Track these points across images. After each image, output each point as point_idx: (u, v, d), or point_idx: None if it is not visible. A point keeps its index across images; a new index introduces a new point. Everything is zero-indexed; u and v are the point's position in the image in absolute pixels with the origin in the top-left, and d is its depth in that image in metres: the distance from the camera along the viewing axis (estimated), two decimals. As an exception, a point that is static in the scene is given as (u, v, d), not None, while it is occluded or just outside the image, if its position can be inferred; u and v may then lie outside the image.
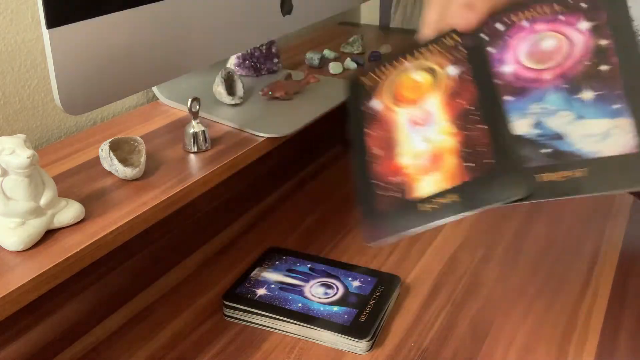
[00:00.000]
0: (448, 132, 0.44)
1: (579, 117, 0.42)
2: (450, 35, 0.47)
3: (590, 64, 0.43)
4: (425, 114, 0.46)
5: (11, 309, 0.48)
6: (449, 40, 0.47)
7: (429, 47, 0.48)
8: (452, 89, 0.46)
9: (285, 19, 0.82)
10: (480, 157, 0.43)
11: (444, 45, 0.47)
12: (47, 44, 0.52)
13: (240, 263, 0.79)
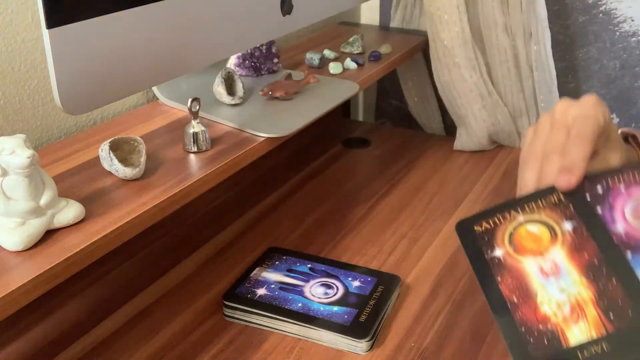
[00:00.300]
0: (581, 284, 0.47)
1: None
2: (552, 191, 0.50)
3: None
4: (554, 266, 0.48)
5: (11, 309, 0.48)
6: (554, 198, 0.51)
7: (537, 202, 0.51)
8: (573, 243, 0.49)
9: (285, 19, 0.82)
10: (618, 310, 0.45)
11: (550, 201, 0.50)
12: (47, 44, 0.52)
13: (240, 263, 0.79)
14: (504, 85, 1.10)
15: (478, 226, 0.51)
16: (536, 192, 0.52)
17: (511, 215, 0.51)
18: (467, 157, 1.08)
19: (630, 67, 1.15)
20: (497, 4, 1.05)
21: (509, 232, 0.50)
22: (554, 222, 0.50)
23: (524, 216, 0.50)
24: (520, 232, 0.50)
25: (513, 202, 0.51)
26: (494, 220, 0.51)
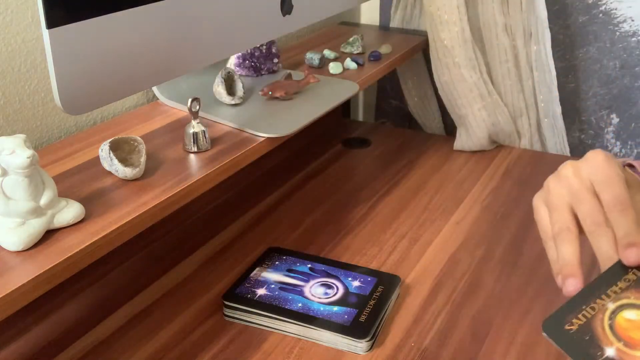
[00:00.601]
0: None
1: None
2: (625, 270, 0.49)
3: None
4: None
5: (11, 309, 0.48)
6: (632, 275, 0.49)
7: (616, 284, 0.49)
8: None
9: (285, 19, 0.82)
10: None
11: (631, 280, 0.49)
12: (47, 44, 0.52)
13: (240, 263, 0.79)
14: (504, 85, 1.10)
15: (569, 325, 0.48)
16: (608, 273, 0.49)
17: (598, 304, 0.49)
18: (467, 157, 1.08)
19: (630, 67, 1.15)
20: (497, 4, 1.05)
21: (607, 325, 0.48)
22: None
23: (613, 303, 0.48)
24: (620, 323, 0.48)
25: (591, 289, 0.49)
26: (583, 314, 0.48)
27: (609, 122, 1.21)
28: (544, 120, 1.12)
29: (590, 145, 1.24)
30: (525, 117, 1.12)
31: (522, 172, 1.03)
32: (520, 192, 0.96)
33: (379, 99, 1.41)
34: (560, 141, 1.13)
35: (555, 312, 0.48)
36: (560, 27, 1.18)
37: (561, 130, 1.12)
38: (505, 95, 1.10)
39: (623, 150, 1.21)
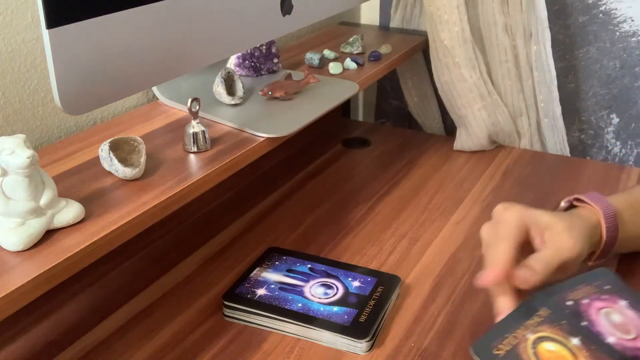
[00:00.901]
0: None
1: None
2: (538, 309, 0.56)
3: None
4: None
5: (11, 309, 0.48)
6: (542, 312, 0.56)
7: (531, 319, 0.55)
8: (592, 357, 0.53)
9: (285, 19, 0.82)
10: None
11: (541, 316, 0.56)
12: (47, 44, 0.52)
13: (240, 263, 0.79)
14: (504, 85, 1.10)
15: (497, 350, 0.53)
16: (522, 308, 0.57)
17: (518, 334, 0.54)
18: (467, 157, 1.08)
19: (630, 67, 1.15)
20: (497, 4, 1.05)
21: (531, 352, 0.53)
22: (562, 338, 0.54)
23: (532, 334, 0.54)
24: (542, 353, 0.53)
25: (511, 321, 0.56)
26: (507, 341, 0.54)
27: (609, 122, 1.21)
28: (544, 120, 1.12)
29: (590, 145, 1.24)
30: (525, 117, 1.12)
31: (522, 172, 1.03)
32: (520, 192, 0.96)
33: (379, 99, 1.41)
34: (560, 141, 1.13)
35: (482, 337, 0.54)
36: (560, 27, 1.18)
37: (561, 130, 1.12)
38: (505, 95, 1.10)
39: (623, 151, 1.21)
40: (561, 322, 0.55)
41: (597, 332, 0.55)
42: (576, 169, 1.04)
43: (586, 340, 0.54)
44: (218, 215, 0.90)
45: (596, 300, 0.59)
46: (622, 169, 1.03)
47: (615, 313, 0.58)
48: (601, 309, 0.58)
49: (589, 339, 0.54)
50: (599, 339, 0.55)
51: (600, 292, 0.59)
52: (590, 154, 1.25)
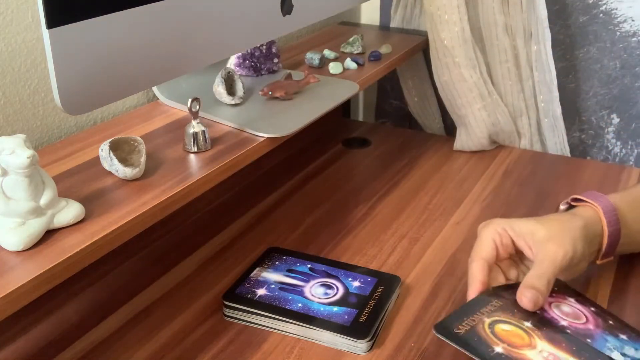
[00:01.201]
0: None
1: (636, 348, 0.59)
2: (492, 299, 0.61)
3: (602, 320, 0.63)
4: (551, 355, 0.57)
5: (11, 309, 0.48)
6: (496, 303, 0.61)
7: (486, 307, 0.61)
8: (546, 336, 0.58)
9: (285, 19, 0.82)
10: None
11: (495, 305, 0.61)
12: (47, 44, 0.52)
13: (240, 263, 0.79)
14: (504, 85, 1.10)
15: (457, 329, 0.59)
16: (478, 299, 0.62)
17: (475, 318, 0.60)
18: (467, 157, 1.08)
19: (630, 67, 1.15)
20: (498, 4, 1.05)
21: (489, 331, 0.58)
22: (516, 322, 0.59)
23: (487, 318, 0.60)
24: (499, 331, 0.59)
25: (468, 307, 0.61)
26: (466, 323, 0.59)
27: (609, 122, 1.21)
28: (544, 120, 1.12)
29: (590, 145, 1.24)
30: (525, 117, 1.12)
31: (522, 172, 1.03)
32: (521, 192, 0.96)
33: (379, 99, 1.41)
34: (561, 141, 1.13)
35: (442, 320, 0.60)
36: (561, 27, 1.18)
37: (561, 130, 1.12)
38: (506, 95, 1.10)
39: (623, 151, 1.21)
40: (513, 311, 0.61)
41: (550, 318, 0.61)
42: (576, 169, 1.04)
43: (538, 323, 0.59)
44: (218, 215, 0.90)
45: (553, 301, 0.64)
46: (623, 169, 1.03)
47: (564, 305, 0.64)
48: (552, 303, 0.63)
49: (541, 322, 0.59)
50: (551, 322, 0.59)
51: (550, 292, 0.64)
52: (591, 154, 1.25)
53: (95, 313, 0.70)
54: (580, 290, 0.73)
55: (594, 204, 0.69)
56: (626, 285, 0.74)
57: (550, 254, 0.63)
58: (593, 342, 0.59)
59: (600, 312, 0.65)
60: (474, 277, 0.65)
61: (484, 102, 1.06)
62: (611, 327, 0.62)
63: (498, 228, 0.67)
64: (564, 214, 0.70)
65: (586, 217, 0.68)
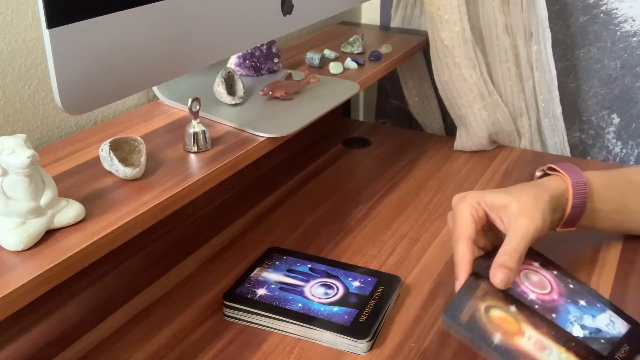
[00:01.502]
0: (564, 351, 0.59)
1: (593, 316, 0.63)
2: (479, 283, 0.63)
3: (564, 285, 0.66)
4: (538, 341, 0.60)
5: (11, 309, 0.48)
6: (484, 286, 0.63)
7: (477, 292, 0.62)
8: (529, 321, 0.61)
9: (285, 19, 0.82)
10: None
11: (484, 289, 0.62)
12: (47, 44, 0.52)
13: (240, 263, 0.79)
14: (505, 85, 1.10)
15: (461, 318, 0.60)
16: (468, 282, 0.63)
17: (473, 305, 0.62)
18: (467, 157, 1.08)
19: (631, 67, 1.15)
20: (498, 4, 1.05)
21: (485, 319, 0.60)
22: (503, 306, 0.62)
23: (482, 303, 0.61)
24: (494, 319, 0.61)
25: (464, 294, 0.62)
26: (466, 310, 0.61)
27: (609, 122, 1.21)
28: (544, 120, 1.12)
29: (590, 145, 1.24)
30: (525, 117, 1.12)
31: (523, 172, 1.03)
32: (521, 192, 0.96)
33: (379, 98, 1.41)
34: (561, 141, 1.12)
35: (448, 306, 0.61)
36: (561, 27, 1.18)
37: (562, 130, 1.12)
38: (506, 95, 1.10)
39: (624, 151, 1.21)
40: (499, 293, 0.63)
41: (521, 292, 0.64)
42: (576, 169, 1.04)
43: (520, 306, 0.62)
44: (218, 215, 0.90)
45: (524, 268, 0.67)
46: (623, 169, 1.03)
47: (532, 273, 0.66)
48: (520, 271, 0.66)
49: (521, 305, 0.62)
50: (526, 303, 0.62)
51: (529, 262, 0.67)
52: (591, 154, 1.25)
53: (95, 313, 0.70)
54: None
55: (565, 176, 0.71)
56: (626, 285, 0.74)
57: (523, 228, 0.64)
58: (558, 317, 0.62)
59: (561, 275, 0.67)
60: (463, 258, 0.65)
61: (484, 102, 1.06)
62: (572, 292, 0.66)
63: (473, 202, 0.67)
64: (534, 184, 0.71)
65: (554, 188, 0.70)
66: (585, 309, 0.64)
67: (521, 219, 0.65)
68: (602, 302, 0.66)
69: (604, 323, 0.63)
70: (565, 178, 0.71)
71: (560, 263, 0.70)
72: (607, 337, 0.62)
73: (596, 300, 0.66)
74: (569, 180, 0.71)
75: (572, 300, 0.64)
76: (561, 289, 0.66)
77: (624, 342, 0.62)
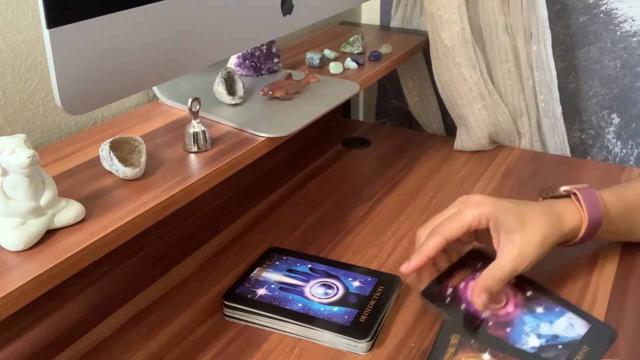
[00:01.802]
0: None
1: (551, 322, 0.64)
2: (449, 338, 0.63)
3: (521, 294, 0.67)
4: None
5: (11, 309, 0.48)
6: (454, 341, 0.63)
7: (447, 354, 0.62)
8: None
9: (285, 19, 0.82)
10: None
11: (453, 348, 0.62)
12: (47, 44, 0.52)
13: (240, 263, 0.79)
14: (504, 85, 1.10)
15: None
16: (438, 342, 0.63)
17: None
18: (467, 157, 1.08)
19: (631, 67, 1.15)
20: (498, 4, 1.05)
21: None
22: (476, 357, 0.61)
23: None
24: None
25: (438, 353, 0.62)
26: None
27: (609, 122, 1.21)
28: (544, 120, 1.12)
29: (590, 145, 1.24)
30: (525, 117, 1.12)
31: (522, 172, 1.03)
32: (520, 192, 0.96)
33: (379, 98, 1.41)
34: (561, 141, 1.12)
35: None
36: (561, 26, 1.18)
37: (562, 130, 1.12)
38: (506, 95, 1.10)
39: (624, 151, 1.21)
40: (471, 341, 0.63)
41: (474, 311, 0.64)
42: (577, 169, 1.04)
43: (494, 351, 0.61)
44: (218, 215, 0.90)
45: (471, 280, 0.67)
46: (623, 169, 1.03)
47: None
48: None
49: (496, 349, 0.62)
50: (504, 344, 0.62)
51: (474, 271, 0.68)
52: (591, 154, 1.25)
53: (95, 313, 0.70)
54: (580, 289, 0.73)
55: (584, 212, 0.70)
56: (626, 285, 0.74)
57: (517, 262, 0.65)
58: (512, 330, 0.63)
59: (519, 283, 0.68)
60: (428, 251, 0.65)
61: (484, 102, 1.06)
62: (529, 300, 0.66)
63: (483, 216, 0.66)
64: (552, 217, 0.70)
65: (569, 227, 0.70)
66: (543, 316, 0.65)
67: (520, 253, 0.65)
68: (562, 304, 0.66)
69: (562, 327, 0.64)
70: (584, 214, 0.70)
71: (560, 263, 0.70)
72: (566, 341, 0.62)
73: (555, 304, 0.66)
74: (585, 218, 0.70)
75: (528, 310, 0.65)
76: (517, 300, 0.66)
77: (583, 343, 0.62)
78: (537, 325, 0.63)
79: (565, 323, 0.64)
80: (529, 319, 0.64)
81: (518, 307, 0.65)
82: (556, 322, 0.64)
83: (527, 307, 0.65)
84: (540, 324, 0.64)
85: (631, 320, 0.68)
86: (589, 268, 0.77)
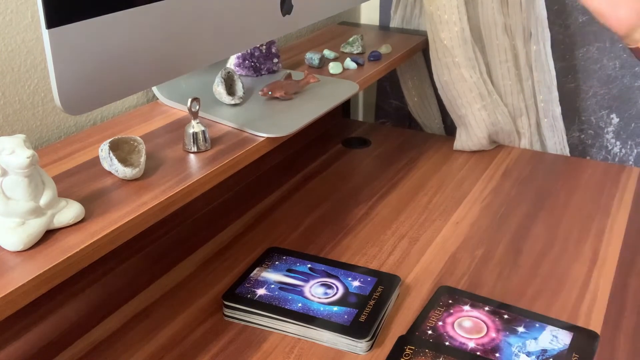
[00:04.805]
0: None
1: (535, 338, 0.65)
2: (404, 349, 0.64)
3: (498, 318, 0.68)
4: None
5: (11, 309, 0.48)
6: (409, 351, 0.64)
7: None
8: None
9: (285, 19, 0.82)
10: None
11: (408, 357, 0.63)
12: (47, 44, 0.52)
13: (240, 263, 0.79)
14: (504, 85, 1.10)
15: None
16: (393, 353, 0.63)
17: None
18: (467, 157, 1.08)
19: (630, 67, 1.15)
20: (497, 4, 1.05)
21: None
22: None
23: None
24: None
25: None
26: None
27: (608, 122, 1.21)
28: (543, 120, 1.12)
29: (590, 145, 1.24)
30: (525, 117, 1.12)
31: (522, 172, 1.03)
32: (520, 191, 0.96)
33: (379, 99, 1.41)
34: (560, 141, 1.13)
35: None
36: (560, 27, 1.18)
37: (561, 130, 1.12)
38: (505, 95, 1.10)
39: (623, 150, 1.21)
40: (425, 350, 0.64)
41: (460, 345, 0.64)
42: (576, 169, 1.04)
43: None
44: (218, 215, 0.90)
45: (447, 317, 0.68)
46: (622, 169, 1.03)
47: (464, 320, 0.68)
48: (454, 322, 0.67)
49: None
50: (461, 350, 0.63)
51: (447, 308, 0.69)
52: (590, 154, 1.25)
53: (95, 313, 0.70)
54: (579, 289, 0.74)
55: None
56: (626, 285, 0.74)
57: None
58: (501, 355, 0.63)
59: (494, 309, 0.69)
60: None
61: (484, 102, 1.06)
62: (508, 323, 0.67)
63: None
64: None
65: None
66: (526, 335, 0.66)
67: None
68: (540, 320, 0.67)
69: (547, 341, 0.65)
70: None
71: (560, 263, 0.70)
72: (555, 353, 0.63)
73: (534, 321, 0.67)
74: None
75: (510, 332, 0.66)
76: (497, 325, 0.67)
77: (572, 352, 0.63)
78: (523, 344, 0.64)
79: (549, 336, 0.65)
80: (514, 340, 0.65)
81: (500, 332, 0.66)
82: (540, 338, 0.65)
83: (508, 329, 0.66)
84: (525, 342, 0.65)
85: (631, 320, 0.68)
86: (589, 268, 0.78)
